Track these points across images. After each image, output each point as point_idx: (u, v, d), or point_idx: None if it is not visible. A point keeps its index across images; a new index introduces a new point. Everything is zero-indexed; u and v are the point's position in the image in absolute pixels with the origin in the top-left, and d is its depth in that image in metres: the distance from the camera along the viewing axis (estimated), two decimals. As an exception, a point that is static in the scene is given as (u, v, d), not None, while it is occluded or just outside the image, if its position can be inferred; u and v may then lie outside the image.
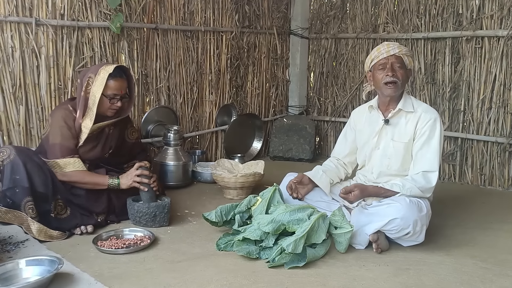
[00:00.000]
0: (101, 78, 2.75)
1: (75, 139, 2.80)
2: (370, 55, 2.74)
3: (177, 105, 4.18)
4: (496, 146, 3.90)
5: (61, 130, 2.75)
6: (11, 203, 2.55)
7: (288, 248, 2.28)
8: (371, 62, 2.73)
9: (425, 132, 2.65)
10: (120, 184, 2.82)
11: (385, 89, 2.67)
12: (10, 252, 2.37)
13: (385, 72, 2.65)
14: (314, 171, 2.89)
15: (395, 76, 2.63)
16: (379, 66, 2.68)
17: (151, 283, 2.12)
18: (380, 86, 2.69)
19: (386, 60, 2.66)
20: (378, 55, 2.68)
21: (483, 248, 2.63)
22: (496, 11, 3.77)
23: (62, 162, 2.72)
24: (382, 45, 2.71)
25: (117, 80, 2.78)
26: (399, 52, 2.66)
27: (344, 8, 4.88)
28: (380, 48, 2.69)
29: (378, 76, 2.69)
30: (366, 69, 2.81)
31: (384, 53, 2.66)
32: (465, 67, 4.01)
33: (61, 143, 2.74)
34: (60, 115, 2.79)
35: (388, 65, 2.65)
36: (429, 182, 2.60)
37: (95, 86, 2.75)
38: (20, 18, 3.10)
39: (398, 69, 2.65)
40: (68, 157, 2.73)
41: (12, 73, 3.12)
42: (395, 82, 2.63)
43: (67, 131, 2.76)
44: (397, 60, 2.66)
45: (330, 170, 2.93)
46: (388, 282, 2.17)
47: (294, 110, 5.29)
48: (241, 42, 4.66)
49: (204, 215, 2.75)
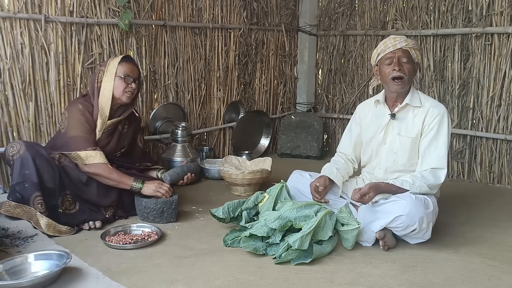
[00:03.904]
0: (111, 67, 2.83)
1: (94, 132, 2.83)
2: (377, 49, 2.71)
3: (185, 102, 4.19)
4: (505, 143, 3.87)
5: (81, 123, 2.78)
6: (20, 197, 2.57)
7: (294, 244, 2.28)
8: (378, 56, 2.70)
9: (433, 128, 2.62)
10: (143, 189, 2.84)
11: (392, 85, 2.64)
12: (19, 247, 2.39)
13: (392, 67, 2.61)
14: (329, 169, 2.84)
15: (402, 71, 2.60)
16: (386, 60, 2.65)
17: (158, 278, 2.13)
18: (387, 81, 2.66)
19: (393, 54, 2.62)
20: (385, 49, 2.64)
21: (491, 246, 2.61)
22: (506, 8, 3.73)
23: (85, 154, 2.73)
24: (388, 38, 2.68)
25: (128, 63, 2.88)
26: (406, 46, 2.62)
27: (353, 4, 4.86)
28: (387, 42, 2.65)
29: (385, 71, 2.66)
30: (372, 63, 2.78)
31: (391, 47, 2.63)
32: (475, 64, 3.98)
33: (82, 135, 2.76)
34: (77, 108, 2.82)
35: (395, 60, 2.61)
36: (438, 179, 2.58)
37: (106, 76, 2.82)
38: (30, 15, 3.12)
39: (405, 64, 2.62)
40: (90, 149, 2.75)
41: (22, 70, 3.15)
42: (402, 77, 2.60)
43: (86, 124, 2.80)
44: (404, 54, 2.62)
45: (342, 167, 2.89)
46: (395, 279, 2.17)
47: (302, 107, 5.29)
48: (249, 39, 4.66)
49: (211, 212, 2.77)
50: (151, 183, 2.87)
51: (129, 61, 2.91)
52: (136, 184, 2.83)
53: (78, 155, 2.73)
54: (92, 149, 2.76)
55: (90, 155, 2.74)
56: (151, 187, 2.85)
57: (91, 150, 2.75)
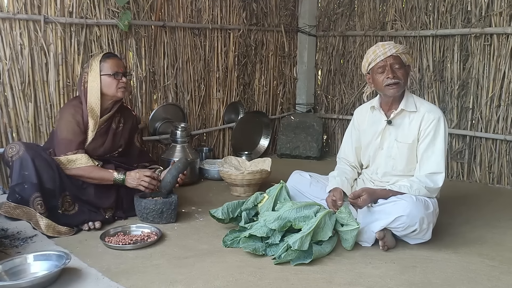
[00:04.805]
0: (94, 66, 2.82)
1: (83, 135, 2.82)
2: (367, 58, 2.68)
3: (184, 103, 4.19)
4: (504, 144, 3.87)
5: (68, 125, 2.78)
6: (20, 198, 2.57)
7: (294, 245, 2.28)
8: (369, 65, 2.67)
9: (430, 133, 2.62)
10: (125, 181, 2.84)
11: (387, 90, 2.63)
12: (19, 247, 2.39)
13: (385, 75, 2.60)
14: (340, 180, 2.80)
15: (396, 78, 2.59)
16: (378, 69, 2.63)
17: (157, 279, 2.13)
18: (382, 88, 2.65)
19: (384, 62, 2.60)
20: (375, 58, 2.62)
21: (491, 246, 2.61)
22: (505, 8, 3.73)
23: (65, 160, 2.74)
24: (377, 46, 2.65)
25: (111, 58, 2.87)
26: (396, 52, 2.60)
27: (352, 5, 4.86)
28: (376, 51, 2.63)
29: (378, 79, 2.64)
30: (363, 72, 2.77)
31: (381, 55, 2.61)
32: (474, 64, 3.98)
33: (67, 137, 2.76)
34: (68, 110, 2.83)
35: (387, 67, 2.60)
36: (436, 183, 2.58)
37: (91, 76, 2.81)
38: (29, 15, 3.12)
39: (397, 70, 2.61)
40: (71, 153, 2.75)
41: (21, 70, 3.14)
42: (398, 83, 2.60)
43: (74, 126, 2.79)
44: (396, 61, 2.60)
45: (350, 177, 2.87)
46: (395, 280, 2.17)
47: (302, 107, 5.29)
48: (248, 40, 4.66)
49: (210, 212, 2.77)
50: (132, 174, 2.85)
51: (112, 56, 2.89)
52: (118, 176, 2.82)
53: (59, 160, 2.73)
54: (73, 153, 2.75)
55: (71, 159, 2.74)
56: (134, 178, 2.84)
57: (72, 154, 2.75)
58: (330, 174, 2.91)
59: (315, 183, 2.92)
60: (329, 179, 2.87)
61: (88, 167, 2.77)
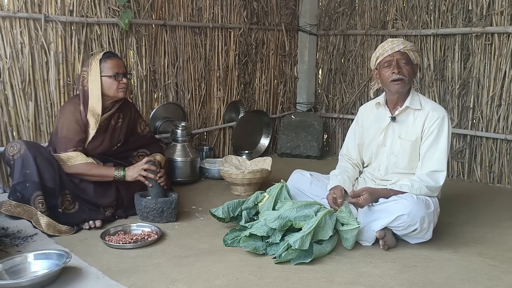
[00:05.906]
0: (94, 66, 2.80)
1: (83, 133, 2.82)
2: (375, 53, 2.71)
3: (185, 102, 4.18)
4: (505, 143, 3.87)
5: (67, 124, 2.78)
6: (21, 197, 2.57)
7: (295, 244, 2.28)
8: (376, 60, 2.70)
9: (433, 131, 2.63)
10: (126, 176, 2.84)
11: (392, 85, 2.64)
12: (19, 246, 2.39)
13: (391, 70, 2.62)
14: (342, 178, 2.80)
15: (401, 73, 2.60)
16: (385, 63, 2.65)
17: (158, 278, 2.13)
18: (387, 83, 2.67)
19: (391, 57, 2.63)
20: (383, 53, 2.65)
21: (491, 246, 2.61)
22: (506, 7, 3.73)
23: (66, 157, 2.74)
24: (386, 42, 2.69)
25: (112, 59, 2.85)
26: (404, 48, 2.62)
27: (353, 4, 4.86)
28: (385, 45, 2.66)
29: (384, 74, 2.66)
30: (371, 67, 2.79)
31: (389, 50, 2.63)
32: (475, 64, 3.98)
33: (66, 136, 2.76)
34: (68, 109, 2.83)
35: (394, 62, 2.62)
36: (437, 182, 2.58)
37: (91, 76, 2.80)
38: (29, 14, 3.12)
39: (404, 66, 2.62)
40: (70, 150, 2.75)
41: (22, 69, 3.14)
42: (402, 79, 2.61)
43: (74, 124, 2.79)
44: (403, 57, 2.63)
45: (351, 175, 2.87)
46: (395, 279, 2.17)
47: (302, 107, 5.28)
48: (249, 39, 4.66)
49: (211, 211, 2.77)
50: (131, 169, 2.86)
51: (112, 56, 2.88)
52: (118, 173, 2.83)
53: (59, 157, 2.73)
54: (72, 150, 2.76)
55: (71, 156, 2.75)
56: (132, 173, 2.84)
57: (71, 151, 2.75)
58: (332, 172, 2.91)
59: (316, 182, 2.93)
60: (330, 177, 2.87)
61: (88, 165, 2.77)
